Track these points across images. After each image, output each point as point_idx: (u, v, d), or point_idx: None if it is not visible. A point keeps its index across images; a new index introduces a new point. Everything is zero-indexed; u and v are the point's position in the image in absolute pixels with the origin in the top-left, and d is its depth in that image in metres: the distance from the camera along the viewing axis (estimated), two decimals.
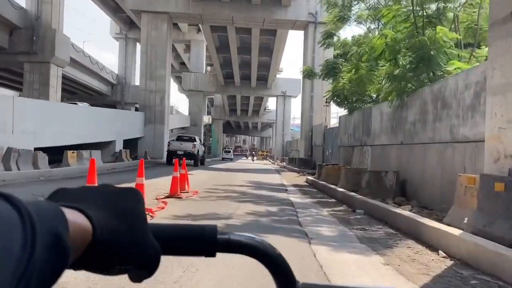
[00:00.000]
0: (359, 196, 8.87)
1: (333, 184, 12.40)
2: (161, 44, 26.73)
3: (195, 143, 24.12)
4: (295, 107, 58.08)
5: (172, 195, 8.40)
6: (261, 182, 14.95)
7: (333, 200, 10.22)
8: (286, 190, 12.34)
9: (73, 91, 42.98)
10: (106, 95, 46.26)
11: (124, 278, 0.44)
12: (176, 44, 56.56)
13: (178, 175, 8.64)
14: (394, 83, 11.06)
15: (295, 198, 10.12)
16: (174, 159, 9.95)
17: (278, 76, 50.82)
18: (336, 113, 43.43)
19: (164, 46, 26.82)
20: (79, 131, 17.68)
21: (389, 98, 10.95)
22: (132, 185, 9.19)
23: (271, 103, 73.11)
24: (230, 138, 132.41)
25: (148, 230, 0.45)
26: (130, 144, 25.43)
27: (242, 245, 0.48)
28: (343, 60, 15.45)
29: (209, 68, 54.02)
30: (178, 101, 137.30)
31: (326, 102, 24.97)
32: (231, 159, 51.71)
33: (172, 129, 41.71)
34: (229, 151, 59.73)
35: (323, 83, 27.59)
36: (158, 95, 26.66)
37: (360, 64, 14.50)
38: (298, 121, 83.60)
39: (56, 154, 15.50)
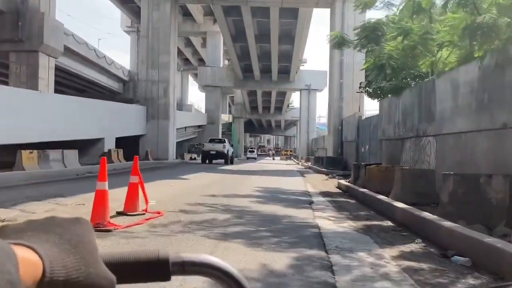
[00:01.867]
0: (448, 225, 4.72)
1: (379, 193, 8.33)
2: (164, 27, 23.11)
3: (224, 144, 27.99)
4: (320, 103, 53.87)
5: (96, 226, 4.49)
6: (278, 190, 10.97)
7: (389, 223, 6.13)
8: (311, 203, 8.30)
9: (81, 89, 40.00)
10: (118, 93, 43.05)
11: None
12: (193, 38, 53.26)
13: (106, 188, 4.72)
14: (475, 37, 6.91)
15: (326, 220, 6.09)
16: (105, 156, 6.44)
17: (301, 68, 46.55)
18: (367, 110, 38.84)
19: (168, 29, 23.16)
20: (50, 126, 14.12)
21: (477, 55, 6.76)
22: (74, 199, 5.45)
23: (295, 99, 68.73)
24: (254, 138, 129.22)
25: (100, 260, 0.43)
26: (131, 143, 22.00)
27: (196, 266, 0.48)
28: (391, 19, 11.22)
29: (226, 62, 50.28)
30: (199, 101, 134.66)
31: (359, 87, 20.75)
32: (254, 159, 52.35)
33: (185, 127, 38.23)
34: (253, 151, 61.80)
35: (354, 68, 23.34)
36: (161, 86, 23.05)
37: (411, 27, 10.32)
38: (323, 120, 78.64)
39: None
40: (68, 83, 35.28)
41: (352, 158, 19.69)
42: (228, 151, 27.85)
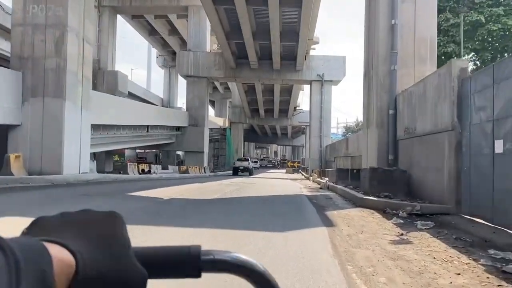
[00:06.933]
0: None
1: None
2: None
3: (249, 161, 38.16)
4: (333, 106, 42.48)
5: None
6: None
7: None
8: None
9: None
10: None
11: None
12: (177, 22, 42.57)
13: None
14: None
15: None
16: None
17: (312, 52, 35.55)
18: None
19: None
20: None
21: None
22: None
23: (303, 103, 57.65)
24: (261, 150, 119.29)
25: (133, 255, 0.43)
26: None
27: (227, 264, 0.47)
28: None
29: (215, 47, 39.37)
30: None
31: None
32: (257, 168, 51.65)
33: (148, 126, 27.28)
34: (256, 162, 59.11)
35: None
36: (50, 33, 12.18)
37: None
38: (334, 130, 66.65)
39: None
40: None
41: (438, 171, 8.56)
42: (251, 166, 36.90)
